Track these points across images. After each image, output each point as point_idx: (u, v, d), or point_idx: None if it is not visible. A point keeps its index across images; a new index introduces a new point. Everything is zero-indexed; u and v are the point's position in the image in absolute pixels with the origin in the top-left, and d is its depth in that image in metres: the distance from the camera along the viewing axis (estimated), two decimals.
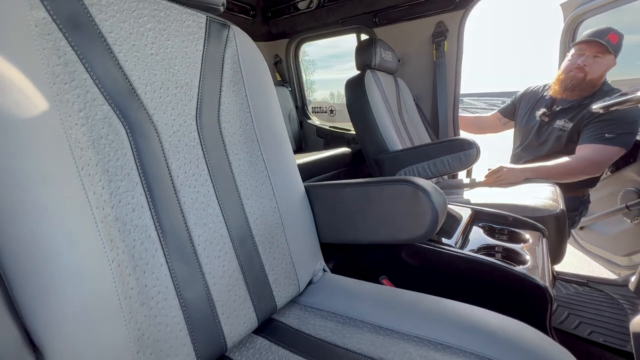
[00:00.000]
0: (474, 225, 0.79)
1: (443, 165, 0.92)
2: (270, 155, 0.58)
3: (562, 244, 0.89)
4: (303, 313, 0.55)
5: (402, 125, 1.26)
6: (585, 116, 1.16)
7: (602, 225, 1.58)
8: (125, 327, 0.35)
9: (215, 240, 0.47)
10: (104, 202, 0.36)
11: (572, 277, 1.27)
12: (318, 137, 2.02)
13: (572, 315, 1.02)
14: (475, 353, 0.39)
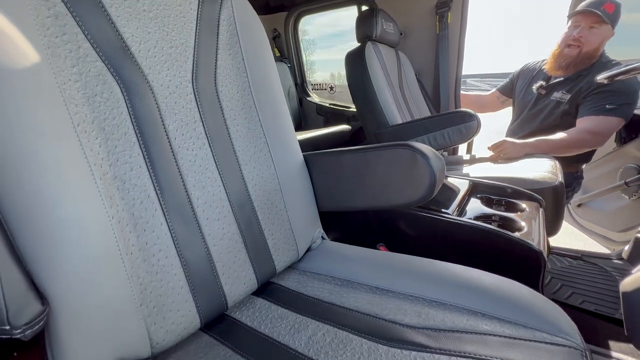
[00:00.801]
0: (472, 197, 0.79)
1: (443, 138, 0.91)
2: (269, 122, 0.57)
3: (559, 216, 0.90)
4: (301, 277, 0.56)
5: (403, 99, 1.24)
6: (583, 88, 1.14)
7: (599, 202, 1.59)
8: (128, 281, 0.36)
9: (214, 204, 0.47)
10: (101, 159, 0.36)
11: (567, 252, 1.29)
12: (318, 115, 1.99)
13: (565, 287, 1.05)
14: (468, 308, 0.41)
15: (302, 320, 0.44)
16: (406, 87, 1.32)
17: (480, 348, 0.34)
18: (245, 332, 0.43)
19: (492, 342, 0.35)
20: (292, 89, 2.01)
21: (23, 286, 0.27)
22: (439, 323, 0.39)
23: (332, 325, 0.42)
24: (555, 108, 1.22)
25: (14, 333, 0.26)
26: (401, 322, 0.40)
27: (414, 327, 0.39)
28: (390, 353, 0.36)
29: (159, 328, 0.39)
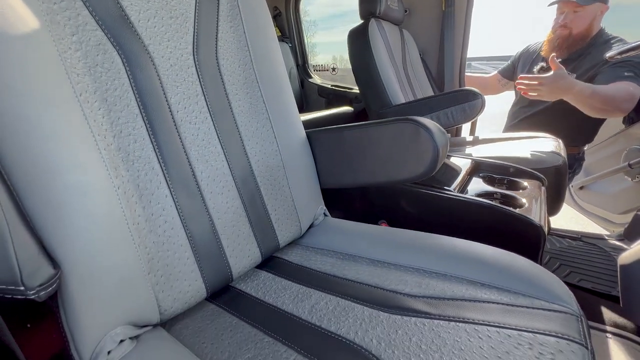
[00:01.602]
0: (475, 176, 0.79)
1: (447, 117, 0.90)
2: (271, 97, 0.57)
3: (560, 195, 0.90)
4: (304, 252, 0.57)
5: (406, 79, 1.22)
6: (589, 66, 1.12)
7: (601, 185, 1.59)
8: (136, 250, 0.36)
9: (218, 178, 0.48)
10: (105, 130, 0.36)
11: (567, 233, 1.30)
12: (320, 97, 1.97)
13: (563, 266, 1.06)
14: (468, 279, 0.42)
15: (305, 291, 0.45)
16: (410, 67, 1.29)
17: (480, 314, 0.35)
18: (250, 302, 0.45)
19: (491, 309, 0.36)
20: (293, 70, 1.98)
21: (34, 250, 0.28)
22: (439, 292, 0.40)
23: (334, 295, 0.43)
24: None
25: (29, 294, 0.27)
26: (402, 291, 0.41)
27: (415, 295, 0.40)
28: (391, 319, 0.37)
29: (167, 296, 0.40)
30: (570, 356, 0.29)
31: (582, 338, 0.31)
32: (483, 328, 0.33)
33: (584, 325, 0.33)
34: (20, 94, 0.30)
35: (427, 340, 0.33)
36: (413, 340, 0.33)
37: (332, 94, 1.90)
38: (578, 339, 0.31)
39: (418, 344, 0.33)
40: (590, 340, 0.32)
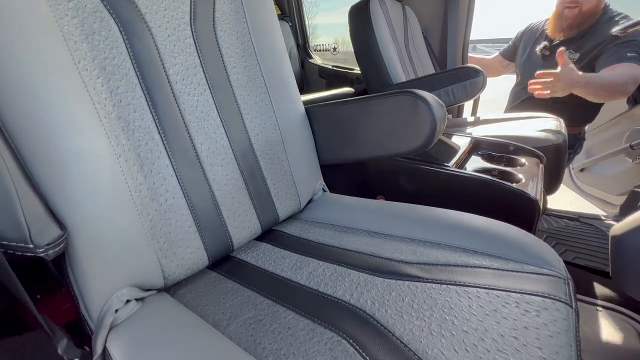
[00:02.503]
0: (474, 153, 0.80)
1: (447, 95, 0.90)
2: (269, 71, 0.57)
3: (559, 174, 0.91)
4: (303, 225, 0.58)
5: (408, 57, 1.20)
6: (593, 45, 1.09)
7: (602, 167, 1.59)
8: (139, 217, 0.38)
9: (217, 150, 0.48)
10: (104, 99, 0.37)
11: (564, 213, 1.31)
12: (320, 78, 1.94)
13: (559, 245, 1.08)
14: (460, 247, 0.43)
15: (304, 260, 0.47)
16: (412, 45, 1.27)
17: (471, 278, 0.37)
18: (250, 269, 0.46)
19: (482, 273, 0.38)
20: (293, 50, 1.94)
21: (41, 210, 0.29)
22: (432, 259, 0.41)
23: (331, 263, 0.45)
24: None
25: (38, 252, 0.28)
26: (397, 259, 0.43)
27: (409, 262, 0.42)
28: (385, 283, 0.38)
29: (170, 262, 0.41)
30: (554, 313, 0.30)
31: (567, 298, 0.33)
32: (473, 290, 0.35)
33: (571, 288, 0.35)
34: (21, 60, 0.30)
35: (419, 300, 0.34)
36: (406, 301, 0.35)
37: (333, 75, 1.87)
38: (564, 299, 0.33)
39: (410, 304, 0.34)
40: (575, 301, 0.34)
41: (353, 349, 0.29)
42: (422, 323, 0.31)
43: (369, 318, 0.33)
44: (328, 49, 2.03)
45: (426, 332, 0.30)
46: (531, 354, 0.26)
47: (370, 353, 0.29)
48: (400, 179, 0.69)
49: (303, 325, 0.34)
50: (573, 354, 0.27)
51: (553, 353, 0.26)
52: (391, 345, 0.29)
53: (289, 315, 0.35)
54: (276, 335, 0.33)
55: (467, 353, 0.27)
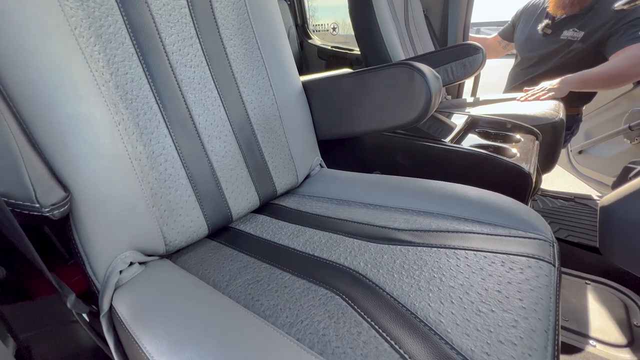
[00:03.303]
0: (471, 131, 0.80)
1: (446, 73, 0.89)
2: (266, 45, 0.56)
3: (555, 152, 0.92)
4: (301, 199, 0.59)
5: (408, 36, 1.18)
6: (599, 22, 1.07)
7: (600, 148, 1.59)
8: (139, 183, 0.39)
9: (215, 122, 0.49)
10: (102, 67, 0.37)
11: (560, 194, 1.33)
12: (319, 59, 1.92)
13: (553, 223, 1.10)
14: (452, 215, 0.44)
15: (301, 229, 0.48)
16: (412, 23, 1.25)
17: (460, 242, 0.38)
18: (249, 239, 0.48)
19: (471, 238, 0.39)
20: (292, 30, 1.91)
21: (45, 172, 0.30)
22: (425, 226, 0.43)
23: (327, 231, 0.46)
24: (566, 48, 1.16)
25: (43, 211, 0.29)
26: (390, 226, 0.44)
27: (402, 229, 0.43)
28: (378, 247, 0.40)
29: (171, 229, 0.43)
30: (537, 271, 0.32)
31: (551, 258, 0.34)
32: (462, 252, 0.36)
33: (555, 249, 0.36)
34: (18, 24, 0.31)
35: (409, 262, 0.36)
36: (397, 262, 0.36)
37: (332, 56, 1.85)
38: (547, 259, 0.34)
39: (401, 265, 0.36)
40: (559, 261, 0.35)
41: (346, 303, 0.31)
42: (412, 281, 0.33)
43: (362, 277, 0.35)
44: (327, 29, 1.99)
45: (415, 288, 0.32)
46: (512, 304, 0.28)
47: (362, 306, 0.30)
48: (396, 155, 0.70)
49: (299, 285, 0.35)
50: (552, 305, 0.29)
51: (533, 304, 0.28)
52: (382, 300, 0.31)
53: (286, 276, 0.37)
54: (273, 293, 0.35)
55: (452, 305, 0.29)
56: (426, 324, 0.27)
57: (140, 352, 0.29)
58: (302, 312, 0.31)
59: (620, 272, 0.78)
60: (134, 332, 0.31)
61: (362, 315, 0.29)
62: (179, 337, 0.28)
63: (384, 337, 0.26)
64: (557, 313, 0.28)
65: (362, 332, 0.27)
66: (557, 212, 1.18)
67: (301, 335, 0.28)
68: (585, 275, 0.81)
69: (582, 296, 0.76)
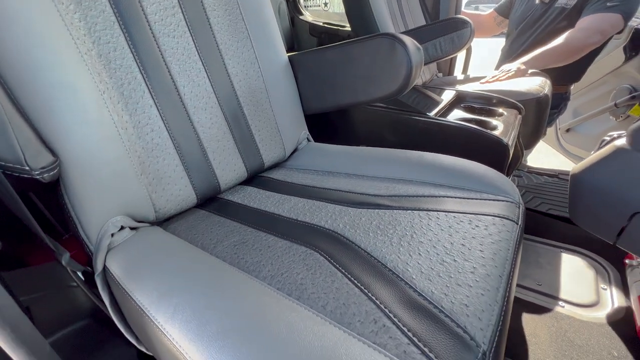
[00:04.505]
0: (457, 106, 0.81)
1: (435, 48, 0.89)
2: (251, 17, 0.56)
3: (539, 128, 0.94)
4: (288, 171, 0.61)
5: (399, 11, 1.16)
6: None
7: (587, 127, 1.62)
8: (127, 152, 0.40)
9: (201, 94, 0.50)
10: (83, 35, 0.38)
11: (545, 171, 1.37)
12: (311, 36, 1.88)
13: (536, 198, 1.14)
14: (429, 182, 0.46)
15: (286, 198, 0.50)
16: None
17: (434, 205, 0.41)
18: (237, 207, 0.50)
19: (444, 201, 0.41)
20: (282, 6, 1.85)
21: (32, 137, 0.31)
22: (402, 192, 0.45)
23: (311, 199, 0.48)
24: (558, 16, 1.15)
25: (34, 174, 0.31)
26: (371, 193, 0.46)
27: (381, 195, 0.45)
28: (357, 211, 0.42)
29: (160, 197, 0.44)
30: (500, 227, 0.35)
31: (515, 217, 0.37)
32: (434, 213, 0.39)
33: (521, 210, 0.39)
34: None
35: (385, 222, 0.38)
36: (373, 224, 0.39)
37: (324, 33, 1.81)
38: (512, 218, 0.37)
39: (377, 225, 0.38)
40: (523, 220, 0.38)
41: (323, 258, 0.34)
42: (385, 238, 0.35)
43: (340, 236, 0.37)
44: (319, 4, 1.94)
45: (387, 244, 0.34)
46: (473, 255, 0.31)
47: (338, 260, 0.33)
48: (382, 128, 0.71)
49: (282, 244, 0.38)
50: (509, 255, 0.32)
51: (492, 254, 0.31)
52: (356, 254, 0.34)
53: (270, 238, 0.39)
54: (257, 252, 0.37)
55: (420, 256, 0.32)
56: (394, 272, 0.30)
57: (134, 303, 0.31)
58: (282, 266, 0.33)
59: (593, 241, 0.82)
60: (127, 287, 0.33)
61: (337, 267, 0.32)
62: (168, 287, 0.30)
63: (354, 284, 0.29)
64: (514, 262, 0.31)
65: (335, 281, 0.30)
66: (540, 187, 1.22)
67: (281, 285, 0.31)
68: (560, 245, 0.86)
69: (556, 263, 0.80)
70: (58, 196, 0.37)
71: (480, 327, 0.24)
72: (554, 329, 0.63)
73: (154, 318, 0.28)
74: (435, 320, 0.25)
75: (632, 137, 0.45)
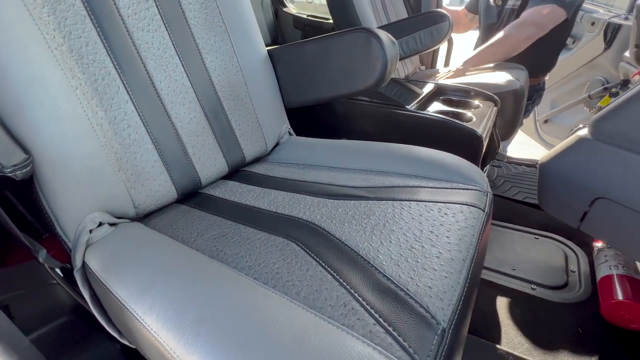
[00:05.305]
0: (435, 98, 0.83)
1: (415, 42, 0.90)
2: (228, 10, 0.56)
3: (516, 119, 0.97)
4: (269, 165, 0.62)
5: (381, 3, 1.17)
6: None
7: (563, 117, 1.68)
8: (103, 148, 0.40)
9: (178, 89, 0.50)
10: (53, 30, 0.37)
11: (524, 161, 1.41)
12: (295, 29, 1.86)
13: (514, 187, 1.18)
14: (405, 173, 0.48)
15: (267, 191, 0.51)
16: None
17: (407, 195, 0.42)
18: (217, 201, 0.50)
19: (418, 191, 0.43)
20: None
21: (3, 134, 0.31)
22: (378, 183, 0.47)
23: (291, 192, 0.49)
24: (510, 16, 1.20)
25: (6, 171, 0.31)
26: (349, 185, 0.48)
27: (358, 187, 0.47)
28: (334, 203, 0.43)
29: (139, 192, 0.45)
30: (467, 214, 0.37)
31: (482, 205, 0.39)
32: (406, 203, 0.40)
33: (488, 198, 0.41)
34: None
35: (360, 213, 0.40)
36: (349, 214, 0.40)
37: (308, 25, 1.80)
38: (479, 205, 0.39)
39: (352, 216, 0.40)
40: (490, 207, 0.40)
41: (299, 248, 0.35)
42: (359, 227, 0.37)
43: (316, 227, 0.38)
44: None
45: (361, 233, 0.36)
46: (440, 241, 0.33)
47: (313, 250, 0.34)
48: (363, 121, 0.72)
49: (260, 236, 0.39)
50: (474, 240, 0.33)
51: (457, 239, 0.33)
52: (331, 244, 0.35)
53: (249, 231, 0.40)
54: (236, 244, 0.38)
55: (390, 244, 0.33)
56: (365, 259, 0.32)
57: (113, 298, 0.32)
58: (260, 257, 0.34)
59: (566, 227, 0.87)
60: (106, 282, 0.33)
61: (312, 256, 0.33)
62: (146, 280, 0.31)
63: (328, 271, 0.31)
64: (478, 247, 0.33)
65: (310, 269, 0.31)
66: (519, 177, 1.26)
67: (258, 275, 0.32)
68: (535, 231, 0.90)
69: (530, 249, 0.84)
70: (32, 192, 0.37)
71: (441, 306, 0.26)
72: (526, 310, 0.67)
73: (133, 311, 0.29)
74: (401, 302, 0.26)
75: (593, 127, 0.48)
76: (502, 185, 1.21)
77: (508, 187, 1.18)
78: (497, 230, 0.93)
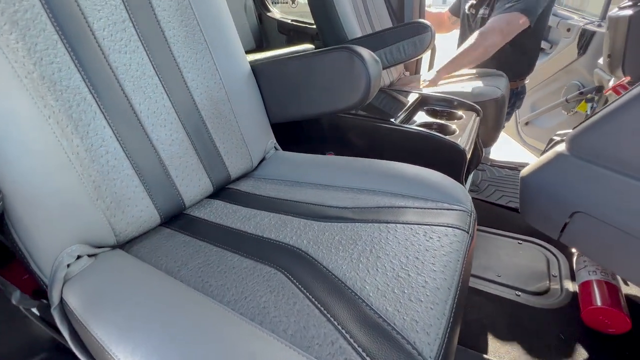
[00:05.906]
0: (420, 109, 0.84)
1: (399, 51, 0.91)
2: (209, 26, 0.55)
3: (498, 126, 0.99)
4: (255, 182, 0.61)
5: (364, 9, 1.18)
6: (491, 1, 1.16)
7: (543, 120, 1.74)
8: (79, 178, 0.38)
9: (158, 110, 0.48)
10: (22, 57, 0.35)
11: (506, 164, 1.45)
12: (280, 34, 1.85)
13: (497, 191, 1.21)
14: (391, 192, 0.48)
15: (253, 212, 0.50)
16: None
17: (394, 217, 0.43)
18: (202, 224, 0.49)
19: (404, 212, 0.43)
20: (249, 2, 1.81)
21: None
22: (364, 204, 0.47)
23: (277, 213, 0.49)
24: (482, 24, 1.23)
25: None
26: (335, 205, 0.48)
27: (345, 207, 0.47)
28: (321, 226, 0.43)
29: (120, 220, 0.43)
30: (452, 238, 0.37)
31: (466, 226, 0.40)
32: (393, 225, 0.41)
33: (472, 219, 0.42)
34: None
35: (347, 237, 0.40)
36: (336, 239, 0.40)
37: (292, 30, 1.79)
38: (463, 227, 0.39)
39: (339, 241, 0.39)
40: (473, 229, 0.41)
41: (286, 278, 0.35)
42: (346, 254, 0.37)
43: (303, 254, 0.38)
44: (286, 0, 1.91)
45: (347, 261, 0.36)
46: (426, 268, 0.33)
47: (301, 280, 0.34)
48: (348, 135, 0.72)
49: (246, 264, 0.38)
50: (459, 267, 0.34)
51: (442, 266, 0.33)
52: (318, 273, 0.35)
53: (235, 258, 0.40)
54: (222, 274, 0.37)
55: (377, 272, 0.33)
56: (353, 290, 0.32)
57: (93, 339, 0.31)
58: (246, 289, 0.34)
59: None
60: (85, 321, 0.32)
61: (299, 288, 0.33)
62: (127, 322, 0.30)
63: (315, 305, 0.30)
64: (462, 273, 0.34)
65: (297, 302, 0.31)
66: (501, 181, 1.29)
67: (244, 310, 0.31)
68: (518, 236, 0.92)
69: (514, 254, 0.86)
70: (3, 228, 0.35)
71: (427, 341, 0.26)
72: (511, 317, 0.69)
73: (114, 355, 0.28)
74: (388, 339, 0.26)
75: (570, 144, 0.49)
76: (487, 189, 1.23)
77: (492, 191, 1.21)
78: (482, 235, 0.96)
